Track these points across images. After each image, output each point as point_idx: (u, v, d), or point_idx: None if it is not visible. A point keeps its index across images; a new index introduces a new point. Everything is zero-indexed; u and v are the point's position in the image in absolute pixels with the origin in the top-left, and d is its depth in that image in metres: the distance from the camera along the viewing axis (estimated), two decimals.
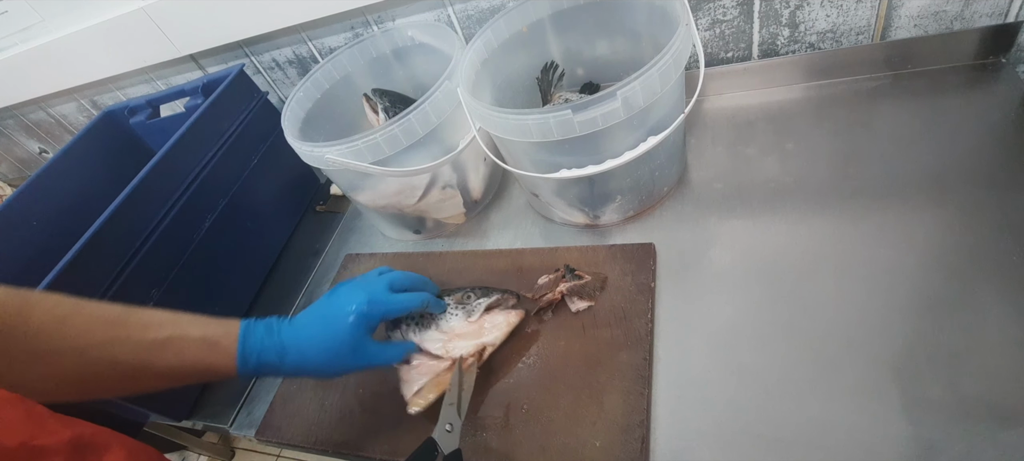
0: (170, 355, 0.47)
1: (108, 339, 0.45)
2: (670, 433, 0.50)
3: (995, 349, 0.46)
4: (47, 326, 0.43)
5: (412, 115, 0.62)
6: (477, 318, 0.58)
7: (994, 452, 0.41)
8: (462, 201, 0.77)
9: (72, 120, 1.33)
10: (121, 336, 0.46)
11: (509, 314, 0.60)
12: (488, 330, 0.58)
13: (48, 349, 0.43)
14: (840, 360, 0.49)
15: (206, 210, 0.77)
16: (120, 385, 0.48)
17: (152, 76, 1.13)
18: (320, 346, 0.52)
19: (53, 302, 0.45)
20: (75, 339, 0.44)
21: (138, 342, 0.47)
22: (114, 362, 0.45)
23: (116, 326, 0.46)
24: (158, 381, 0.48)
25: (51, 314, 0.44)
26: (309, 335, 0.52)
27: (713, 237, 0.63)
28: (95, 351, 0.45)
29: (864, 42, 0.73)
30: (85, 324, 0.45)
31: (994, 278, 0.50)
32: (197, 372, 0.49)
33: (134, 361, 0.46)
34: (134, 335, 0.47)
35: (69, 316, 0.44)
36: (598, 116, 0.53)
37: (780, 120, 0.73)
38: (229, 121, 0.82)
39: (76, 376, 0.45)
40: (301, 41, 0.97)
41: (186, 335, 0.49)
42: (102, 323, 0.46)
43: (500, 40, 0.72)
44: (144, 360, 0.47)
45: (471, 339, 0.57)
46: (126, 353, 0.46)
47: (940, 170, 0.60)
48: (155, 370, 0.47)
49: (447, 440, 0.49)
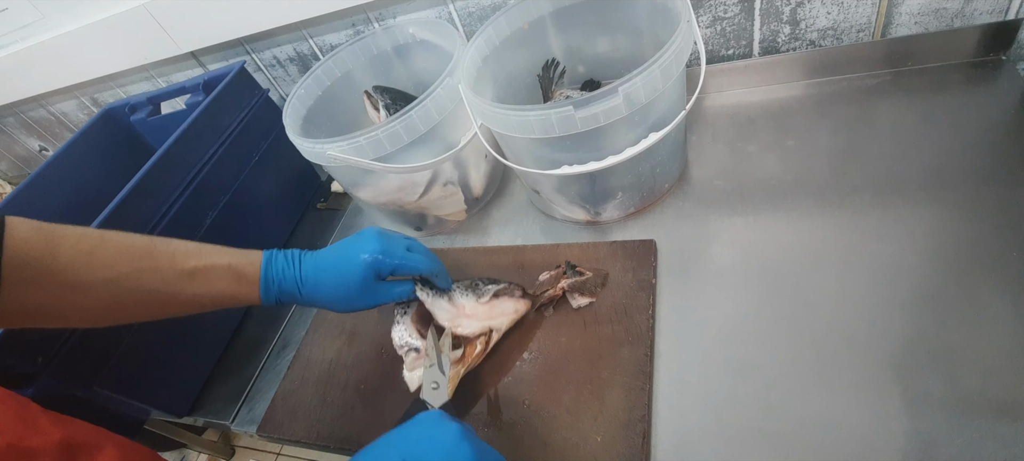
0: (198, 284, 0.50)
1: (137, 269, 0.47)
2: (671, 428, 0.50)
3: (994, 344, 0.46)
4: (76, 260, 0.44)
5: (414, 112, 0.62)
6: (487, 300, 0.59)
7: (993, 446, 0.41)
8: (463, 198, 0.77)
9: (72, 118, 1.33)
10: (149, 267, 0.48)
11: (517, 302, 0.60)
12: (496, 316, 0.59)
13: (78, 281, 0.44)
14: (840, 356, 0.50)
15: (207, 207, 0.77)
16: (149, 311, 0.50)
17: (153, 73, 1.13)
18: (333, 282, 0.55)
19: (78, 235, 0.46)
20: (104, 270, 0.45)
21: (167, 271, 0.48)
22: (144, 291, 0.48)
23: (144, 257, 0.48)
24: (185, 308, 0.51)
25: (77, 247, 0.45)
26: (325, 270, 0.55)
27: (714, 234, 0.64)
28: (125, 282, 0.46)
29: (865, 39, 0.73)
30: (113, 256, 0.46)
31: (993, 274, 0.50)
32: (223, 299, 0.52)
33: (164, 290, 0.48)
34: (162, 265, 0.48)
35: (96, 248, 0.46)
36: (600, 112, 0.53)
37: (781, 117, 0.73)
38: (230, 118, 0.82)
39: (108, 305, 0.47)
40: (302, 38, 0.97)
41: (213, 264, 0.51)
42: (130, 255, 0.47)
43: (501, 37, 0.73)
44: (174, 289, 0.49)
45: (480, 320, 0.58)
46: (156, 283, 0.48)
47: (940, 167, 0.60)
48: (183, 298, 0.50)
49: (435, 397, 0.51)
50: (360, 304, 0.56)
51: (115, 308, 0.48)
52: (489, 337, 0.58)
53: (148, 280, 0.48)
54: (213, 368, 0.76)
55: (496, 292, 0.60)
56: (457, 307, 0.58)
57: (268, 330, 0.78)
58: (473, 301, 0.59)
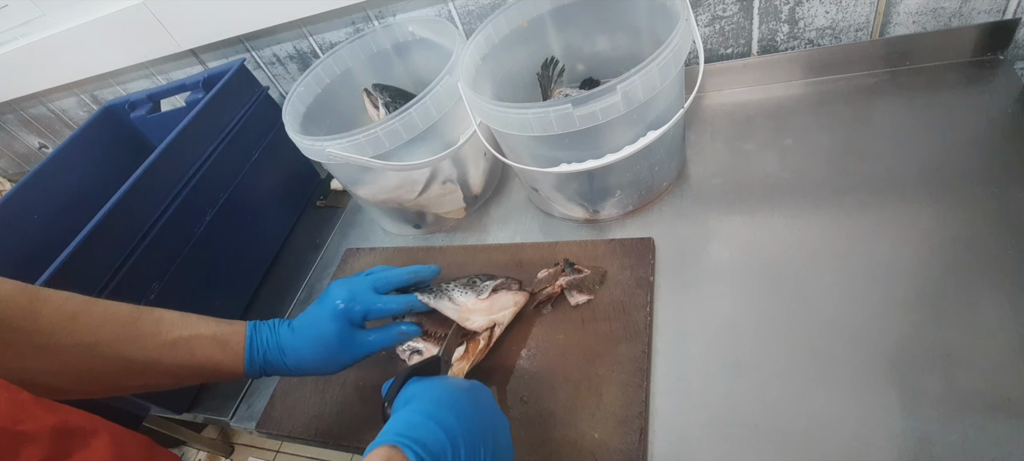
0: (181, 354, 0.48)
1: (118, 336, 0.46)
2: (668, 425, 0.50)
3: (990, 342, 0.46)
4: (57, 323, 0.43)
5: (413, 109, 0.62)
6: (487, 296, 0.59)
7: (987, 443, 0.42)
8: (462, 196, 0.77)
9: (72, 115, 1.33)
10: (132, 334, 0.47)
11: (516, 295, 0.61)
12: (498, 310, 0.59)
13: (57, 344, 0.43)
14: (837, 353, 0.50)
15: (207, 204, 0.77)
16: (129, 382, 0.48)
17: (152, 71, 1.13)
18: (312, 345, 0.54)
19: (63, 299, 0.45)
20: (85, 335, 0.44)
21: (149, 340, 0.47)
22: (124, 359, 0.46)
23: (127, 324, 0.47)
24: (166, 379, 0.49)
25: (61, 310, 0.44)
26: (302, 335, 0.54)
27: (712, 232, 0.64)
28: (105, 348, 0.45)
29: (863, 38, 0.73)
30: (96, 321, 0.45)
31: (990, 273, 0.50)
32: (206, 371, 0.50)
33: (145, 359, 0.47)
34: (145, 332, 0.47)
35: (79, 313, 0.45)
36: (598, 110, 0.54)
37: (779, 116, 0.73)
38: (230, 116, 0.82)
39: (85, 371, 0.45)
40: (302, 36, 0.97)
41: (197, 334, 0.50)
42: (113, 321, 0.46)
43: (501, 35, 0.73)
44: (155, 358, 0.47)
45: (484, 314, 0.59)
46: (137, 351, 0.47)
47: (937, 166, 0.60)
48: (164, 368, 0.48)
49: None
50: (344, 359, 0.54)
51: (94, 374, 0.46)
52: (492, 332, 0.58)
53: (129, 348, 0.46)
54: None
55: (494, 287, 0.60)
56: (460, 306, 0.59)
57: None
58: (474, 298, 0.59)
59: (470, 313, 0.59)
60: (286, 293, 0.83)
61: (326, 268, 0.84)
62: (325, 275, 0.83)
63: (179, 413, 0.72)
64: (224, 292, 0.79)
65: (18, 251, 0.79)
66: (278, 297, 0.83)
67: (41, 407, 0.35)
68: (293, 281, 0.84)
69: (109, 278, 0.64)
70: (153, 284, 0.68)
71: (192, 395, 0.73)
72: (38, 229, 0.82)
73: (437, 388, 0.45)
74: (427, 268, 0.63)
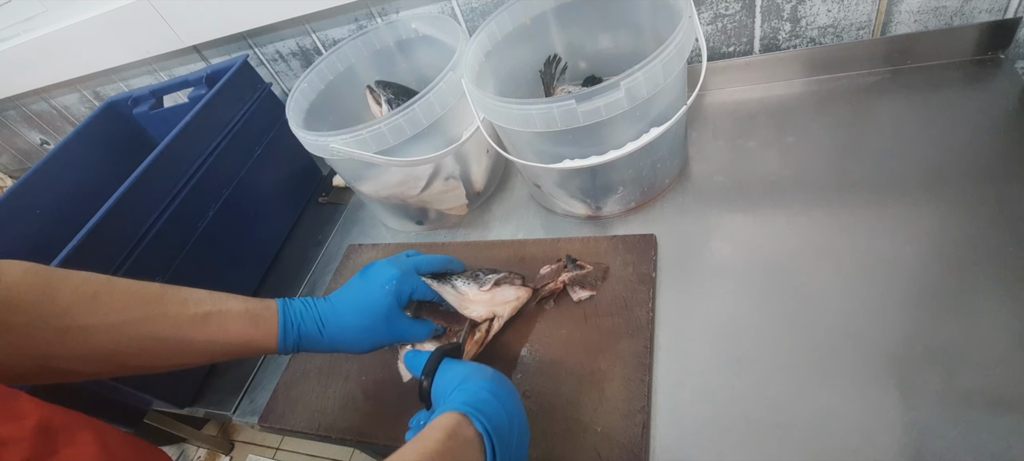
0: (212, 330, 0.48)
1: (145, 315, 0.45)
2: (671, 419, 0.51)
3: (991, 339, 0.47)
4: (77, 303, 0.42)
5: (416, 105, 0.63)
6: (488, 288, 0.60)
7: (988, 438, 0.42)
8: (464, 192, 0.77)
9: (74, 111, 1.33)
10: (158, 312, 0.46)
11: (518, 290, 0.61)
12: (499, 303, 0.59)
13: (79, 325, 0.42)
14: (839, 349, 0.50)
15: (210, 200, 0.77)
16: (158, 361, 0.47)
17: (155, 67, 1.13)
18: (357, 317, 0.53)
19: (82, 279, 0.44)
20: (108, 315, 0.43)
21: (177, 317, 0.46)
22: (152, 338, 0.45)
23: (153, 302, 0.46)
24: (197, 357, 0.48)
25: (80, 291, 0.43)
26: (346, 307, 0.54)
27: (714, 229, 0.64)
28: (131, 328, 0.44)
29: (864, 37, 0.74)
30: (120, 301, 0.44)
31: (991, 270, 0.51)
32: (237, 347, 0.49)
33: (174, 336, 0.46)
34: (172, 310, 0.46)
35: (101, 293, 0.44)
36: (602, 106, 0.54)
37: (781, 114, 0.74)
38: (233, 112, 0.82)
39: (111, 352, 0.44)
40: (305, 33, 0.97)
41: (228, 310, 0.49)
42: (138, 299, 0.45)
43: (504, 32, 0.73)
44: (185, 335, 0.46)
45: (484, 306, 0.59)
46: (165, 328, 0.46)
47: (939, 164, 0.60)
48: (195, 346, 0.47)
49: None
50: (384, 338, 0.55)
51: (119, 354, 0.45)
52: (491, 325, 0.59)
53: (157, 326, 0.45)
54: None
55: (497, 280, 0.60)
56: (462, 295, 0.59)
57: None
58: (475, 289, 0.59)
59: (470, 302, 0.59)
60: (288, 289, 0.83)
61: (328, 264, 0.84)
62: (327, 271, 0.83)
63: (181, 407, 0.72)
64: (227, 288, 0.78)
65: (20, 248, 0.80)
66: (280, 292, 0.82)
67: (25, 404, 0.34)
68: (295, 277, 0.85)
69: (111, 272, 0.63)
70: (155, 279, 0.68)
71: (194, 389, 0.74)
72: (40, 226, 0.82)
73: (487, 371, 0.47)
74: (458, 261, 0.63)
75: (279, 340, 0.51)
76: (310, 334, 0.52)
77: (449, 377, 0.47)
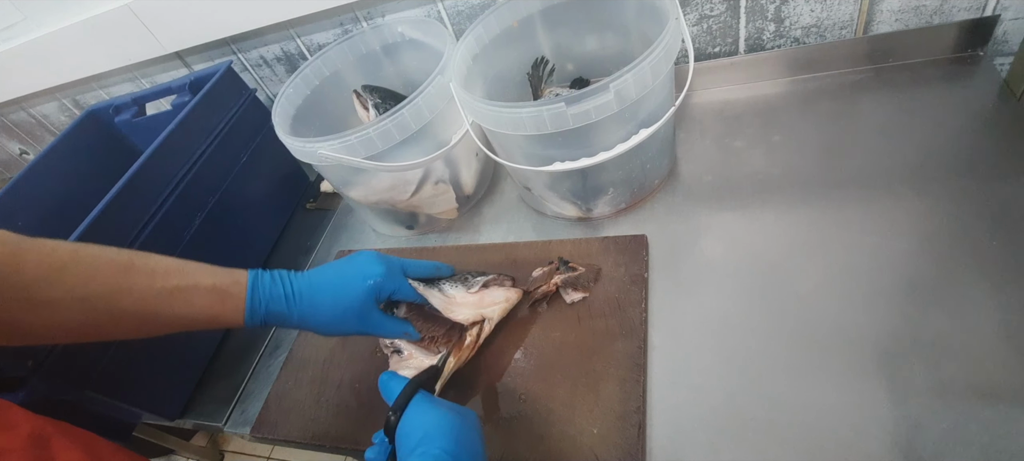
0: (178, 304, 0.47)
1: (112, 288, 0.44)
2: (666, 418, 0.51)
3: (976, 330, 0.48)
4: (43, 275, 0.41)
5: (405, 110, 0.62)
6: (476, 290, 0.59)
7: (977, 428, 0.43)
8: (454, 196, 0.77)
9: (53, 120, 1.31)
10: (125, 285, 0.45)
11: (508, 291, 0.61)
12: (488, 305, 0.59)
13: (46, 298, 0.41)
14: (829, 344, 0.51)
15: (196, 208, 0.76)
16: (123, 332, 0.47)
17: (136, 74, 1.12)
18: (330, 301, 0.53)
19: (49, 248, 0.43)
20: (74, 288, 0.43)
21: (144, 290, 0.45)
22: (119, 310, 0.45)
23: (120, 274, 0.45)
24: (163, 329, 0.48)
25: (47, 262, 0.42)
26: (322, 288, 0.53)
27: (703, 228, 0.65)
28: (98, 301, 0.43)
29: (847, 36, 0.75)
30: (87, 272, 0.43)
31: (974, 263, 0.52)
32: (204, 321, 0.49)
33: (141, 310, 0.45)
34: (139, 283, 0.45)
35: (68, 264, 0.43)
36: (591, 109, 0.54)
37: (766, 114, 0.74)
38: (217, 118, 0.81)
39: (77, 323, 0.44)
40: (289, 38, 0.96)
41: (196, 284, 0.48)
42: (105, 271, 0.44)
43: (491, 35, 0.73)
44: (151, 309, 0.46)
45: (472, 308, 0.58)
46: (132, 302, 0.45)
47: (921, 160, 0.61)
48: (162, 319, 0.47)
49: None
50: (354, 328, 0.54)
51: (86, 326, 0.44)
52: (481, 328, 0.58)
53: (123, 300, 0.44)
54: (204, 370, 0.75)
55: (485, 282, 0.60)
56: (448, 298, 0.59)
57: (260, 331, 0.77)
58: (463, 292, 0.59)
59: (457, 306, 0.58)
60: None
61: None
62: None
63: (171, 420, 0.71)
64: None
65: None
66: None
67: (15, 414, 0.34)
68: None
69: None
70: None
71: (184, 401, 0.72)
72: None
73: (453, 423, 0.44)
74: (447, 266, 0.63)
75: (246, 316, 0.50)
76: (278, 311, 0.51)
77: (414, 424, 0.45)
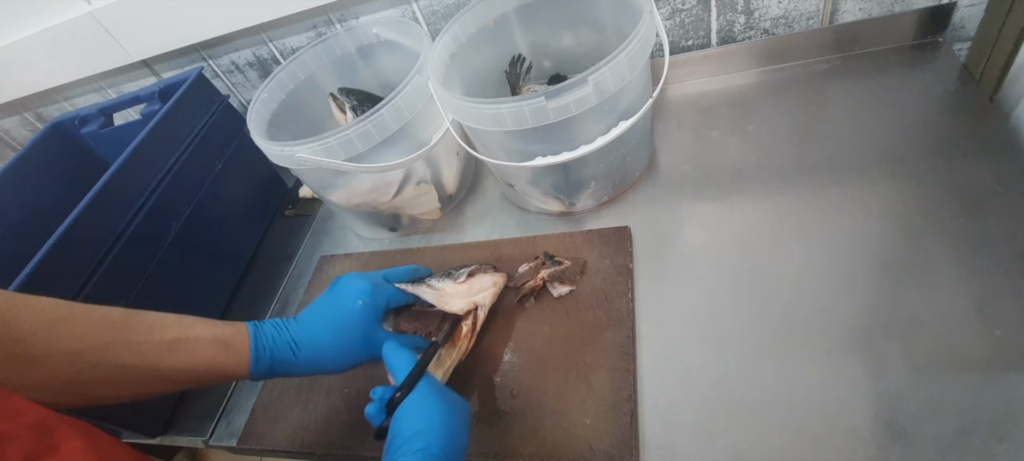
0: (179, 357, 0.46)
1: (109, 342, 0.43)
2: (657, 405, 0.52)
3: (950, 304, 0.49)
4: (37, 330, 0.40)
5: (384, 110, 0.62)
6: (463, 280, 0.60)
7: (954, 398, 0.44)
8: (437, 196, 0.77)
9: (15, 135, 1.26)
10: (123, 339, 0.44)
11: (494, 276, 0.61)
12: (477, 292, 0.60)
13: (39, 353, 0.40)
14: (810, 324, 0.52)
15: (170, 219, 0.74)
16: (121, 390, 0.45)
17: (102, 84, 1.08)
18: (333, 336, 0.51)
19: (44, 304, 0.42)
20: (70, 341, 0.41)
21: (143, 344, 0.44)
22: (116, 366, 0.43)
23: (117, 329, 0.44)
24: (164, 385, 0.46)
25: (42, 316, 0.41)
26: (320, 327, 0.52)
27: (685, 217, 0.66)
28: (93, 355, 0.42)
29: (814, 26, 0.77)
30: (82, 327, 0.42)
31: (944, 239, 0.54)
32: (207, 374, 0.47)
33: (139, 364, 0.44)
34: (138, 337, 0.44)
35: (63, 319, 0.42)
36: (571, 102, 0.54)
37: (740, 104, 0.76)
38: (189, 127, 0.79)
39: (73, 380, 0.42)
40: (261, 42, 0.95)
41: (196, 336, 0.47)
42: (101, 326, 0.43)
43: (468, 34, 0.73)
44: (150, 363, 0.44)
45: (463, 297, 0.59)
46: (130, 356, 0.44)
47: (889, 143, 0.63)
48: (161, 373, 0.45)
49: None
50: (363, 355, 0.53)
51: (80, 385, 0.42)
52: (476, 316, 0.59)
53: (120, 353, 0.43)
54: None
55: (470, 272, 0.61)
56: (438, 291, 0.59)
57: None
58: (451, 283, 0.59)
59: (449, 297, 0.58)
60: (259, 306, 0.81)
61: (300, 278, 0.82)
62: (299, 285, 0.81)
63: (153, 437, 0.69)
64: (194, 308, 0.74)
65: None
66: (251, 309, 0.81)
67: (19, 402, 0.33)
68: (266, 293, 0.82)
69: (72, 296, 0.61)
70: (119, 302, 0.65)
71: (165, 417, 0.70)
72: None
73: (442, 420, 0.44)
74: (425, 268, 0.63)
75: (251, 365, 0.49)
76: (284, 359, 0.50)
77: (414, 412, 0.45)
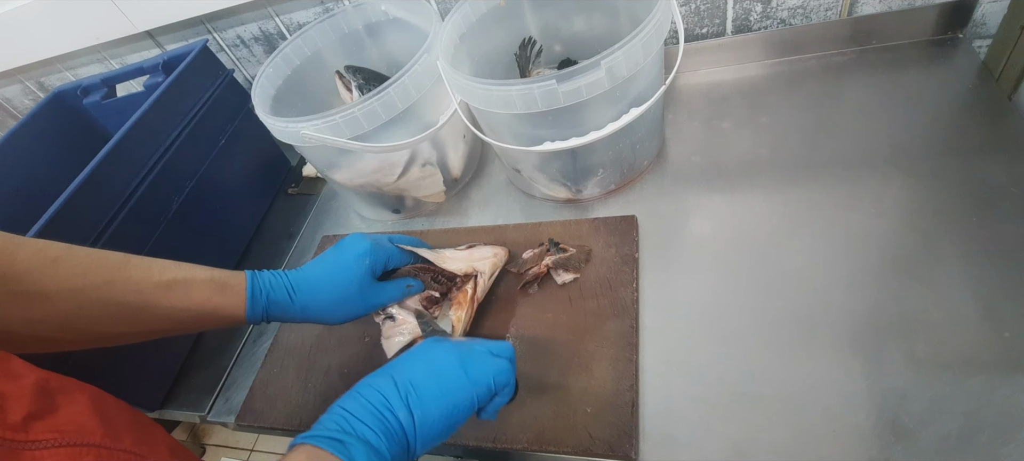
0: (176, 296, 0.46)
1: (107, 280, 0.43)
2: (659, 396, 0.51)
3: (959, 304, 0.49)
4: (37, 266, 0.41)
5: (391, 89, 0.61)
6: (464, 249, 0.61)
7: (961, 398, 0.44)
8: (442, 179, 0.76)
9: (16, 104, 1.25)
10: (121, 277, 0.44)
11: (495, 248, 0.62)
12: (477, 260, 0.61)
13: (37, 291, 0.40)
14: (816, 320, 0.51)
15: (172, 194, 0.73)
16: (119, 328, 0.46)
17: (105, 55, 1.07)
18: (330, 286, 0.53)
19: (42, 244, 0.42)
20: (69, 280, 0.42)
21: (140, 282, 0.45)
22: (114, 303, 0.44)
23: (116, 268, 0.44)
24: (161, 324, 0.47)
25: (41, 255, 0.41)
26: (319, 277, 0.54)
27: (693, 208, 0.65)
28: (92, 292, 0.43)
29: (832, 17, 0.75)
30: (81, 265, 0.43)
31: (955, 239, 0.53)
32: (203, 315, 0.48)
33: (137, 302, 0.45)
34: (136, 276, 0.45)
35: (62, 258, 0.42)
36: (582, 86, 0.53)
37: (753, 95, 0.75)
38: (193, 100, 0.78)
39: (71, 319, 0.43)
40: (267, 16, 0.93)
41: (193, 277, 0.48)
42: (101, 265, 0.44)
43: (478, 14, 0.71)
44: (148, 301, 0.45)
45: (463, 262, 0.60)
46: (128, 294, 0.44)
47: (904, 140, 0.62)
48: (159, 312, 0.46)
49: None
50: (359, 307, 0.55)
51: (78, 321, 0.43)
52: (475, 282, 0.59)
53: (119, 291, 0.44)
54: (185, 359, 0.73)
55: (470, 244, 0.62)
56: (439, 253, 0.60)
57: None
58: (451, 250, 0.61)
59: (448, 260, 0.60)
60: None
61: (301, 257, 0.81)
62: (301, 263, 0.79)
63: (151, 411, 0.69)
64: None
65: None
66: None
67: (18, 365, 0.33)
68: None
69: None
70: None
71: (164, 392, 0.70)
72: None
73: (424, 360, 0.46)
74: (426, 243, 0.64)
75: (247, 307, 0.50)
76: (280, 301, 0.51)
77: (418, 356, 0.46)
